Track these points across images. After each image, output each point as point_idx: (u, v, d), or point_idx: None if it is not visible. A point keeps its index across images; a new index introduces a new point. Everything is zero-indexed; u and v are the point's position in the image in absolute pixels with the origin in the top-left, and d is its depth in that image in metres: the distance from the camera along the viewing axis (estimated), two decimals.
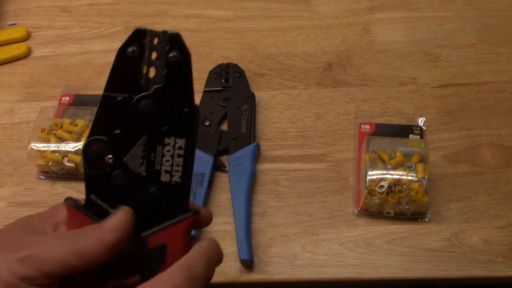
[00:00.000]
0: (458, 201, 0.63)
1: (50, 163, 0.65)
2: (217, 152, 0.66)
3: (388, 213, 0.61)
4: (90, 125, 0.67)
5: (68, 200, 0.36)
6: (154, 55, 0.36)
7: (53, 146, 0.65)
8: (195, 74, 0.71)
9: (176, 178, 0.37)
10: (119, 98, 0.36)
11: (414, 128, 0.67)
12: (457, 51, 0.75)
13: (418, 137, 0.65)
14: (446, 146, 0.67)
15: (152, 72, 0.36)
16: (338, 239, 0.61)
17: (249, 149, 0.65)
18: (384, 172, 0.60)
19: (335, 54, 0.76)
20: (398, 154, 0.62)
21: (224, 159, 0.66)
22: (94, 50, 0.79)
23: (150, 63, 0.36)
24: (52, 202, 0.65)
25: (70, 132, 0.66)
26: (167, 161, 0.37)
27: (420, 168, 0.60)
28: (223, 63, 0.74)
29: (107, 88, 0.36)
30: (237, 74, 0.73)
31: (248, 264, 0.59)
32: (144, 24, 0.82)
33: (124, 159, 0.36)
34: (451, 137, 0.68)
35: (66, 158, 0.64)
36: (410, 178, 0.59)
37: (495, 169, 0.65)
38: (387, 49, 0.76)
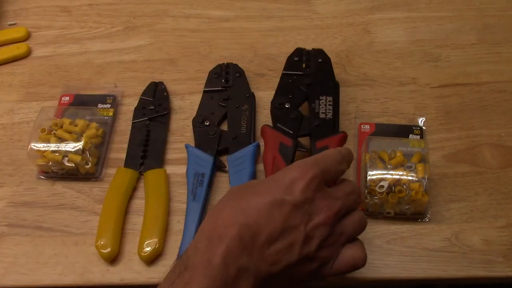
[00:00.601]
0: (458, 201, 0.63)
1: (50, 163, 0.65)
2: (217, 152, 0.66)
3: (388, 213, 0.61)
4: (90, 125, 0.67)
5: (266, 125, 0.65)
6: (307, 60, 0.70)
7: (53, 146, 0.65)
8: (195, 74, 0.73)
9: (329, 116, 0.65)
10: (290, 80, 0.68)
11: (414, 128, 0.66)
12: (457, 51, 0.76)
13: (418, 137, 0.65)
14: (446, 146, 0.67)
15: (307, 68, 0.69)
16: None
17: (249, 149, 0.65)
18: (384, 172, 0.60)
19: (335, 54, 0.75)
20: (398, 154, 0.62)
21: (224, 159, 0.66)
22: (94, 50, 0.79)
23: (306, 64, 0.69)
24: (52, 202, 0.65)
25: (70, 132, 0.66)
26: (322, 107, 0.65)
27: (420, 168, 0.60)
28: (223, 63, 0.74)
29: (283, 75, 0.69)
30: (237, 74, 0.73)
31: None
32: (144, 24, 0.82)
33: (297, 107, 0.66)
34: (451, 137, 0.68)
35: (66, 158, 0.64)
36: (410, 178, 0.59)
37: (495, 169, 0.65)
38: (387, 49, 0.76)
